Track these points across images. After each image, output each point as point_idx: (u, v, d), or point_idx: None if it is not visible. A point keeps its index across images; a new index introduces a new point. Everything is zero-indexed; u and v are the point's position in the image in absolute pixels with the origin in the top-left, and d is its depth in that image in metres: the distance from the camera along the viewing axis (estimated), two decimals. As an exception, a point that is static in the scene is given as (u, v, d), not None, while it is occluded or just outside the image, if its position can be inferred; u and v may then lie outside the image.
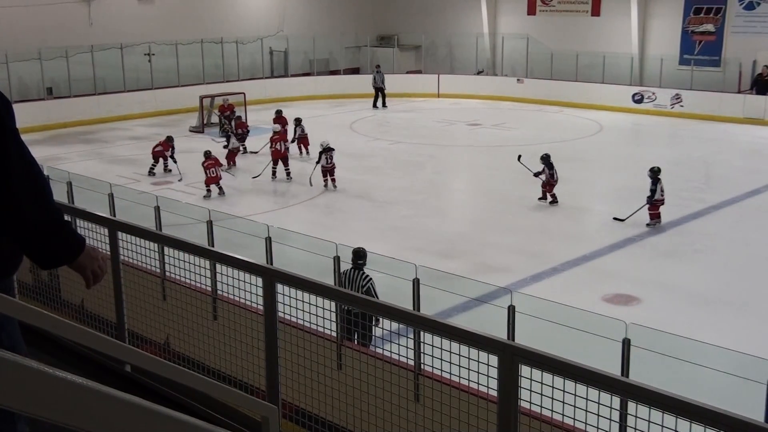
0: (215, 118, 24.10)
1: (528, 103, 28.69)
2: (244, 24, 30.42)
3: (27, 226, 2.24)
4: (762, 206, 15.88)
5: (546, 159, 15.47)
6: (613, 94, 27.33)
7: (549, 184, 15.43)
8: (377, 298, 7.85)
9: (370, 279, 8.51)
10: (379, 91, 28.40)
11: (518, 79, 29.88)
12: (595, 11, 29.94)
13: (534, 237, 13.71)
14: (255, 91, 26.92)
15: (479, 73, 32.06)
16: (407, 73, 32.48)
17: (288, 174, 17.61)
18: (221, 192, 16.11)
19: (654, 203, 13.79)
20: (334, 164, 16.64)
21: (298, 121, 20.15)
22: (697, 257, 12.90)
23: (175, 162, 17.82)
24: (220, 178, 16.16)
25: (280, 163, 17.59)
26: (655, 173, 13.87)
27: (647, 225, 13.73)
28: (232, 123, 21.30)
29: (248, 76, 29.17)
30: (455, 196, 18.14)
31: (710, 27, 27.22)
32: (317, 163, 16.77)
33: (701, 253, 12.99)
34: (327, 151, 16.54)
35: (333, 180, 16.74)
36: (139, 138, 22.64)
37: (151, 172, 17.85)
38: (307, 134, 20.05)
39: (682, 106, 26.08)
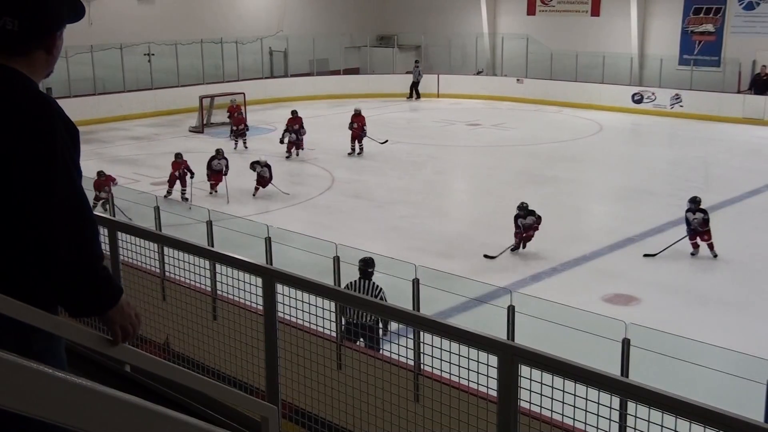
0: (215, 118, 24.12)
1: (527, 103, 28.68)
2: (243, 24, 30.39)
3: (56, 266, 2.00)
4: (762, 206, 15.89)
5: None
6: (612, 94, 27.32)
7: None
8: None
9: (382, 290, 8.28)
10: (415, 84, 30.11)
11: (518, 79, 29.86)
12: (595, 11, 29.93)
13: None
14: (255, 92, 26.91)
15: (479, 73, 32.05)
16: (407, 73, 32.46)
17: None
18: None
19: (697, 232, 12.74)
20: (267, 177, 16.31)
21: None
22: (697, 257, 12.89)
23: (191, 175, 15.90)
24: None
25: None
26: (697, 204, 12.84)
27: (691, 254, 12.73)
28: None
29: (248, 77, 29.15)
30: (455, 196, 18.15)
31: (710, 27, 27.22)
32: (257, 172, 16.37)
33: (701, 253, 12.98)
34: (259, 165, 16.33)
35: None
36: (138, 138, 22.66)
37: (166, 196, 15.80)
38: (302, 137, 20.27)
39: (681, 106, 26.08)
